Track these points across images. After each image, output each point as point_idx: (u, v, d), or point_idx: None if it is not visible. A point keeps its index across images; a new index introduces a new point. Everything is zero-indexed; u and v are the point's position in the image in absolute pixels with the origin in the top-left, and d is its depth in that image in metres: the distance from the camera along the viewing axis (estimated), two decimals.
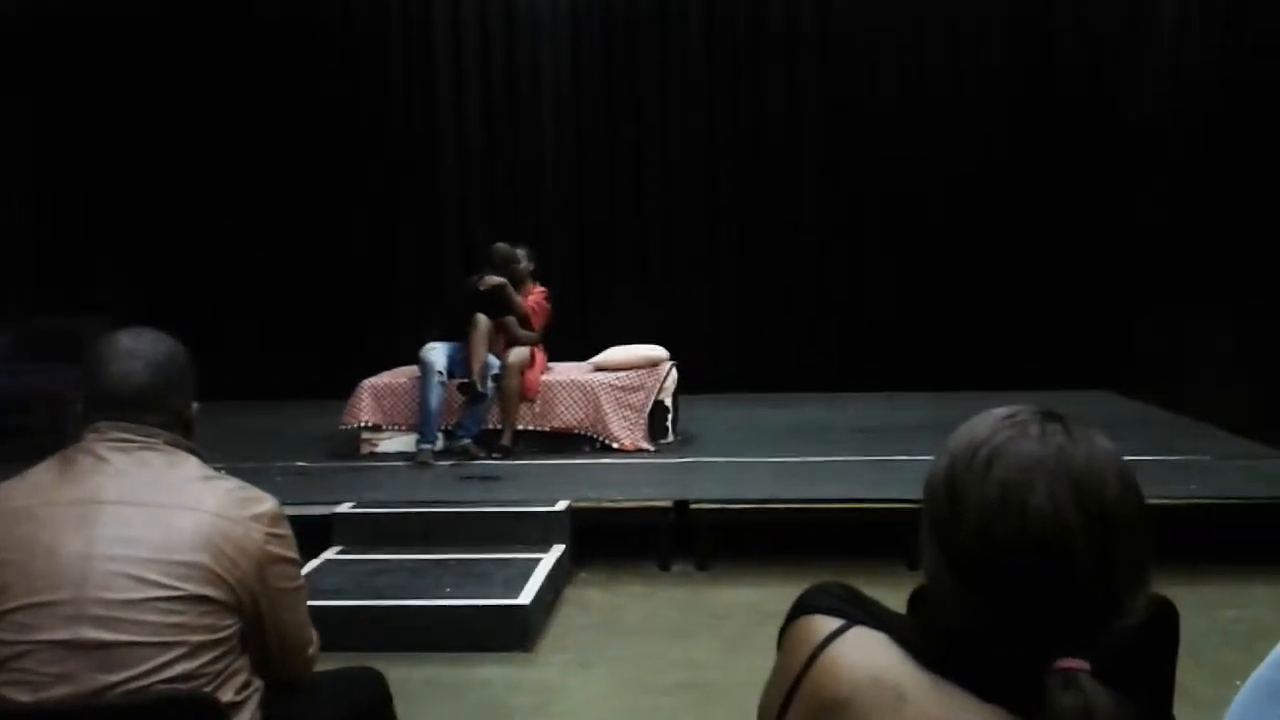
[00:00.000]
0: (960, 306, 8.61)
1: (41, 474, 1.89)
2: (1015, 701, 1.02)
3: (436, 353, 6.32)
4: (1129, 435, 5.67)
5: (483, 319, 6.32)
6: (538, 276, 6.98)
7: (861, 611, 1.16)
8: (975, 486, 1.05)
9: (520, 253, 6.77)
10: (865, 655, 1.09)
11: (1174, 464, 5.78)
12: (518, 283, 6.67)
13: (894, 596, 1.22)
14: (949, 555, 1.06)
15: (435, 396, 6.24)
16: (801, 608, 1.20)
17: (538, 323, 6.70)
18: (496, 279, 6.49)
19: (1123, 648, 1.06)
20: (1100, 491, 1.02)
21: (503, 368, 6.34)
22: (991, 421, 1.09)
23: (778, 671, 1.17)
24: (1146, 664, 1.76)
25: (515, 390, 6.37)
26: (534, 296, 6.78)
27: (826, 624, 1.14)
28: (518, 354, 6.41)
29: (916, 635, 1.10)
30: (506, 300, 6.50)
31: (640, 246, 8.95)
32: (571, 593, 5.02)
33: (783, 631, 1.21)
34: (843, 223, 8.79)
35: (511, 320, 6.53)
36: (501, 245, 6.71)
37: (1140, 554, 1.04)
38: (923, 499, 1.12)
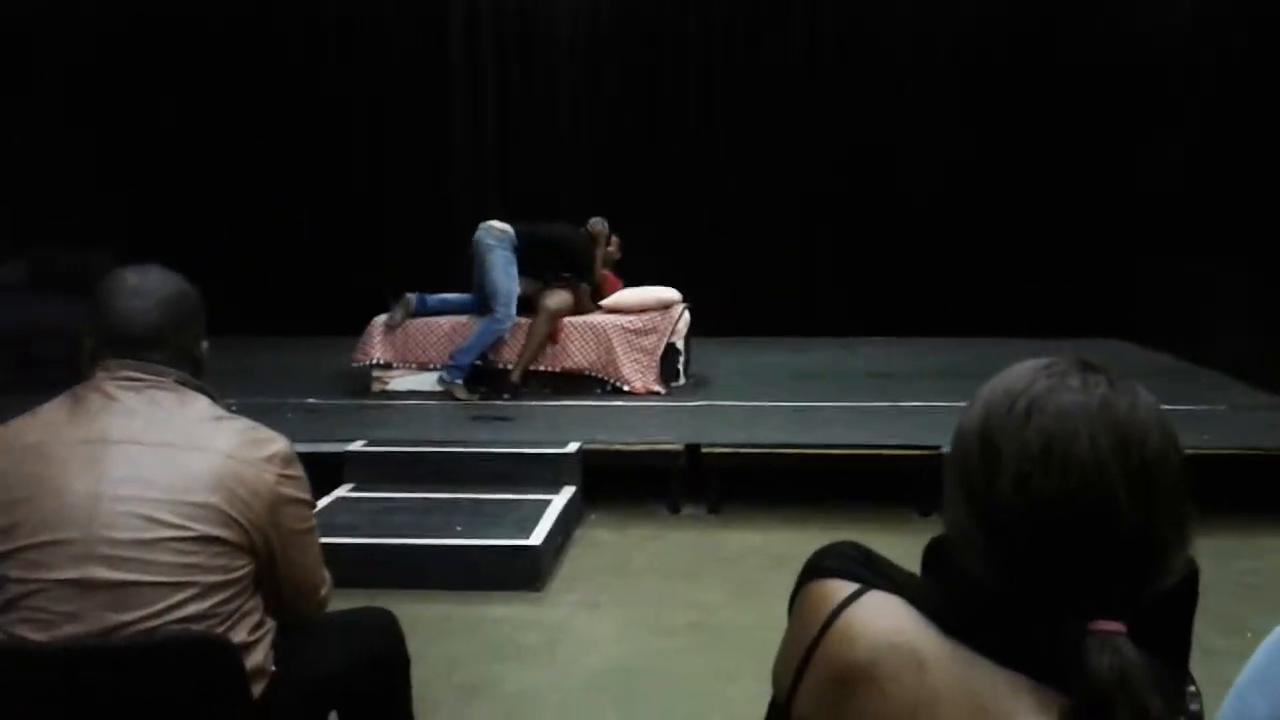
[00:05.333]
0: (972, 251, 8.52)
1: (52, 411, 1.87)
2: (1040, 666, 0.99)
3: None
4: (1143, 384, 5.62)
5: (560, 300, 6.39)
6: (620, 265, 7.03)
7: (876, 574, 1.12)
8: (1013, 437, 1.00)
9: (615, 240, 6.92)
10: (883, 620, 1.05)
11: (1187, 413, 5.74)
12: (607, 263, 6.87)
13: (905, 544, 1.19)
14: (980, 509, 1.02)
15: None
16: (814, 570, 1.16)
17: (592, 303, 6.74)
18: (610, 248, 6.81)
19: (1147, 605, 1.04)
20: (1144, 445, 0.98)
21: (539, 306, 6.34)
22: (1029, 371, 1.04)
23: (791, 636, 1.13)
24: (1169, 621, 1.74)
25: (541, 335, 6.33)
26: (611, 284, 6.85)
27: (841, 588, 1.10)
28: (558, 300, 6.38)
29: (935, 598, 1.06)
30: (592, 267, 6.66)
31: (653, 187, 8.85)
32: (582, 534, 5.03)
33: (795, 595, 1.17)
34: (855, 166, 8.68)
35: (585, 290, 6.59)
36: (599, 221, 6.82)
37: (1182, 512, 1.00)
38: (950, 450, 1.07)
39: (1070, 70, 8.34)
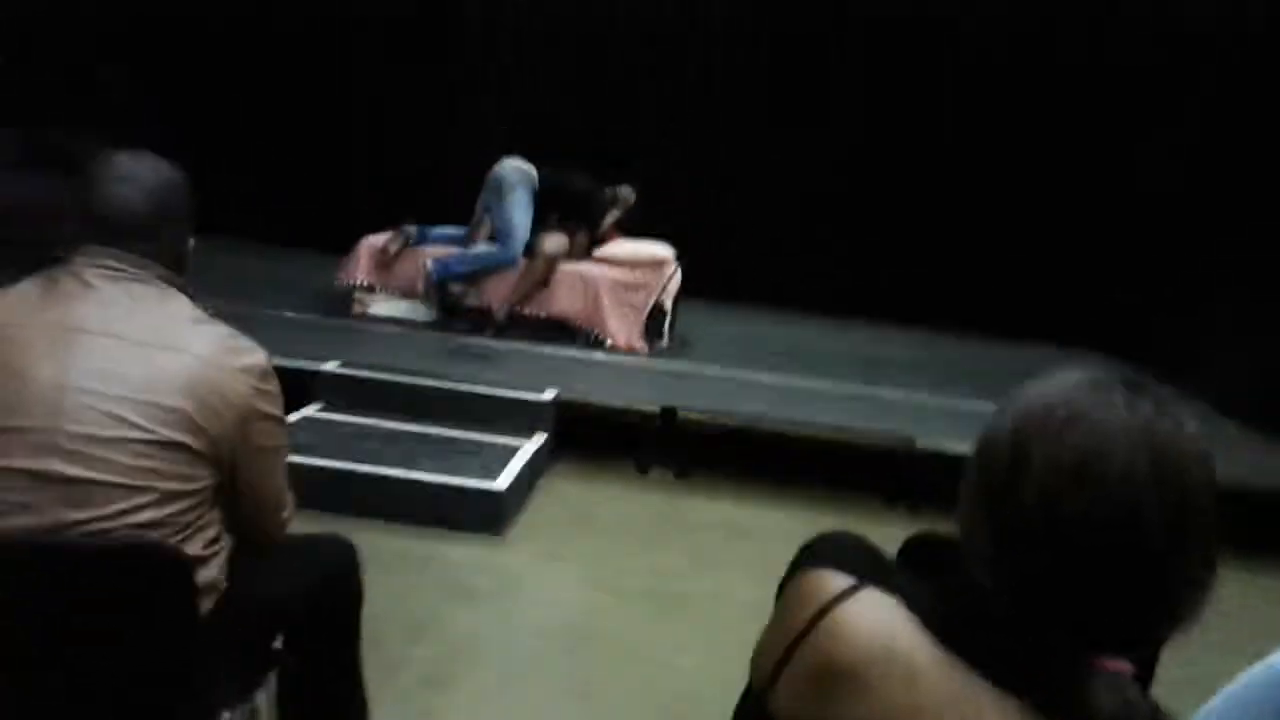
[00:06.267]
0: (974, 247, 8.47)
1: (22, 293, 1.78)
2: (1036, 692, 0.94)
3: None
4: None
5: (558, 244, 6.28)
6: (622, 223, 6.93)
7: (874, 570, 1.07)
8: (1045, 451, 0.94)
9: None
10: (877, 622, 1.00)
11: None
12: (616, 225, 6.76)
13: (868, 532, 1.13)
14: (999, 522, 0.96)
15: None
16: (809, 558, 1.10)
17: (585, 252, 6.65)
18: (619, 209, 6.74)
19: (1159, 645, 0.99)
20: (1184, 475, 0.92)
21: (536, 249, 6.26)
22: (1071, 383, 0.98)
23: (777, 624, 1.08)
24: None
25: (536, 278, 6.25)
26: (608, 235, 6.75)
27: (835, 580, 1.04)
28: (556, 244, 6.29)
29: (935, 604, 1.01)
30: (599, 222, 6.58)
31: (659, 141, 8.74)
32: (547, 484, 4.97)
33: (785, 581, 1.12)
34: (870, 146, 8.60)
35: (581, 239, 6.47)
36: (630, 190, 6.78)
37: (1212, 551, 0.94)
38: (974, 454, 1.01)
39: (1070, 70, 8.30)
